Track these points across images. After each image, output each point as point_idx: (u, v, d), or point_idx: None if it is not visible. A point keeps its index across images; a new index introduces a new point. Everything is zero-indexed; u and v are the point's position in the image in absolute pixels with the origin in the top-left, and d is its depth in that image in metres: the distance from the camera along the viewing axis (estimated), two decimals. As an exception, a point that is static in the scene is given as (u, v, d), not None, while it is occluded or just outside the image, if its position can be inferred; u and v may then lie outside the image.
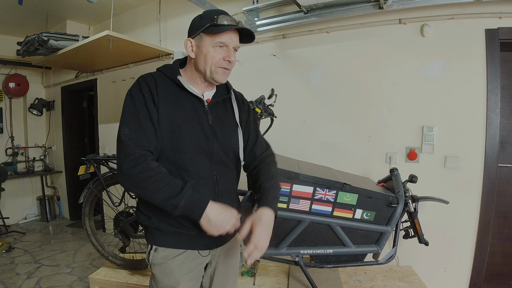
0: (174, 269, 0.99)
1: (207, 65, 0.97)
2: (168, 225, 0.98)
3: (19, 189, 4.26)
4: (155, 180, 0.87)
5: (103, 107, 3.77)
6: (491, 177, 1.92)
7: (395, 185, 1.55)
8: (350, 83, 2.26)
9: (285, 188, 1.42)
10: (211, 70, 0.97)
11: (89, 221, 1.92)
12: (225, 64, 0.97)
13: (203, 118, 1.00)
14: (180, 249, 1.00)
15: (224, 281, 1.12)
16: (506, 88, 2.02)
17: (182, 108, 0.97)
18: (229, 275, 1.15)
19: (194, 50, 0.99)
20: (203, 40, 0.96)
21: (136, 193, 0.93)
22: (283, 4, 2.33)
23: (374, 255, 1.63)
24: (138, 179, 0.87)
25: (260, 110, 1.71)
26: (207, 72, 0.98)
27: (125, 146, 0.89)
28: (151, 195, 0.88)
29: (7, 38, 3.94)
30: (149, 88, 0.94)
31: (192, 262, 1.02)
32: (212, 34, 0.94)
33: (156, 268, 1.00)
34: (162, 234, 0.99)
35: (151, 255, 1.00)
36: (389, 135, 2.16)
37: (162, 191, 0.87)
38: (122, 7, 3.28)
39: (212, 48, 0.95)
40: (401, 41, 2.10)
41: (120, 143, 0.90)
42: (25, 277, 2.65)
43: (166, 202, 0.87)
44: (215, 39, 0.94)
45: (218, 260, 1.10)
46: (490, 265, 2.03)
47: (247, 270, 1.91)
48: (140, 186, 0.88)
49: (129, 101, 0.94)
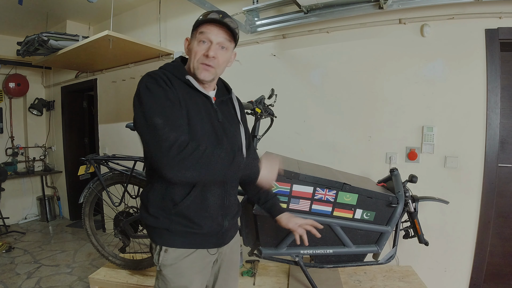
0: (186, 269, 0.99)
1: (191, 61, 0.98)
2: (179, 225, 0.97)
3: (19, 189, 4.26)
4: (207, 155, 0.85)
5: (103, 107, 3.77)
6: (491, 177, 1.92)
7: (395, 185, 1.55)
8: (350, 83, 2.26)
9: (285, 188, 1.42)
10: (193, 66, 0.97)
11: (89, 221, 1.92)
12: (205, 60, 0.95)
13: (213, 115, 1.01)
14: (191, 249, 0.99)
15: (226, 277, 1.14)
16: (506, 88, 2.02)
17: (195, 105, 0.96)
18: (231, 271, 1.16)
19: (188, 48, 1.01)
20: (192, 37, 1.00)
21: (190, 177, 0.86)
22: (283, 4, 2.33)
23: (374, 255, 1.62)
24: (192, 160, 0.83)
25: (260, 110, 1.71)
26: (191, 68, 0.98)
27: (164, 136, 0.84)
28: (210, 171, 0.85)
29: (7, 38, 3.94)
30: (165, 82, 0.92)
31: (203, 261, 1.03)
32: (196, 29, 0.97)
33: (167, 269, 0.98)
34: (172, 235, 0.98)
35: (161, 256, 0.98)
36: (389, 135, 2.16)
37: (219, 162, 0.86)
38: (122, 7, 3.28)
39: (196, 43, 0.97)
40: (401, 41, 2.10)
41: (156, 136, 0.84)
42: (25, 277, 2.65)
43: (227, 170, 0.87)
44: (197, 34, 0.97)
45: (224, 257, 1.11)
46: (490, 265, 2.03)
47: (247, 270, 1.91)
48: (196, 167, 0.84)
49: (148, 94, 0.88)
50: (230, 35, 0.98)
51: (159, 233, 0.98)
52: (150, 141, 0.86)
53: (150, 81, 0.91)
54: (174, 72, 0.98)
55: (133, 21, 3.39)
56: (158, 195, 0.97)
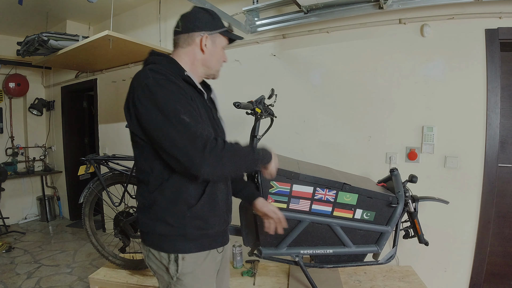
0: (205, 272, 0.97)
1: (218, 64, 1.06)
2: (195, 228, 0.93)
3: (19, 189, 4.26)
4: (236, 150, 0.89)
5: (103, 107, 3.77)
6: (491, 177, 1.92)
7: (395, 185, 1.55)
8: (350, 83, 2.26)
9: (285, 188, 1.41)
10: (217, 69, 1.06)
11: (89, 221, 1.92)
12: None
13: (210, 112, 1.03)
14: (205, 251, 0.98)
15: (221, 275, 1.14)
16: (506, 88, 2.02)
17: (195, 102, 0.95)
18: (225, 268, 1.18)
19: (207, 46, 1.00)
20: (219, 41, 1.03)
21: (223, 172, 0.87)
22: (283, 4, 2.33)
23: (374, 255, 1.62)
24: (226, 156, 0.85)
25: (260, 110, 1.70)
26: (215, 70, 1.06)
27: (198, 132, 0.82)
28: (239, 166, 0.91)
29: (7, 38, 3.94)
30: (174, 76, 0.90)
31: (214, 261, 1.03)
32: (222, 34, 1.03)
33: (187, 277, 0.92)
34: (187, 240, 0.93)
35: (180, 265, 0.91)
36: (389, 135, 2.16)
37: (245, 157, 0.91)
38: (122, 7, 3.28)
39: (222, 50, 1.06)
40: (401, 41, 2.10)
41: (187, 133, 0.81)
42: (25, 277, 2.65)
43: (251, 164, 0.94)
44: (226, 43, 1.06)
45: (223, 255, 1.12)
46: (490, 265, 2.03)
47: (247, 270, 1.91)
48: (229, 163, 0.86)
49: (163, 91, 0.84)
50: None
51: (172, 240, 0.92)
52: (179, 139, 0.81)
53: (159, 77, 0.86)
54: (172, 69, 0.95)
55: (133, 21, 3.39)
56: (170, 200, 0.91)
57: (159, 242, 0.94)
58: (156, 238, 0.94)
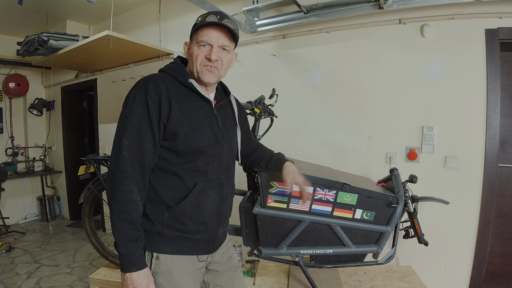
0: (179, 276, 0.97)
1: (194, 66, 0.97)
2: (172, 229, 0.95)
3: (19, 189, 4.26)
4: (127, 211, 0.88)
5: (103, 107, 3.77)
6: (491, 177, 1.92)
7: (395, 185, 1.55)
8: (350, 83, 2.26)
9: (285, 188, 1.41)
10: (197, 70, 0.97)
11: (89, 221, 1.92)
12: (208, 62, 0.95)
13: (213, 121, 1.00)
14: (183, 255, 0.98)
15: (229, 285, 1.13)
16: (506, 88, 2.02)
17: (195, 112, 0.96)
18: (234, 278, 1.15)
19: (188, 51, 1.01)
20: (191, 41, 1.00)
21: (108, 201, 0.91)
22: (283, 4, 2.33)
23: (374, 255, 1.62)
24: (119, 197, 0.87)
25: (259, 110, 1.71)
26: (195, 72, 0.98)
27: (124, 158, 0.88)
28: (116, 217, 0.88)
29: (7, 38, 3.94)
30: (158, 95, 0.90)
31: (193, 267, 1.01)
32: (195, 33, 0.97)
33: (160, 276, 0.95)
34: (163, 240, 0.96)
35: (153, 263, 0.95)
36: (389, 135, 2.16)
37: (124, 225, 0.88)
38: (122, 7, 3.28)
39: (196, 47, 0.96)
40: (401, 41, 2.10)
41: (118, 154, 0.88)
42: (25, 277, 2.65)
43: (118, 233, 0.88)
44: (197, 37, 0.96)
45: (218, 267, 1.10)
46: (490, 265, 2.03)
47: (247, 270, 1.91)
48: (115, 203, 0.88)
49: (131, 107, 0.89)
50: (230, 36, 0.97)
51: (150, 238, 0.95)
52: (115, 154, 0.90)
53: (140, 93, 0.90)
54: (177, 75, 0.98)
55: (133, 21, 3.39)
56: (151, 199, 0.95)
57: None
58: None
